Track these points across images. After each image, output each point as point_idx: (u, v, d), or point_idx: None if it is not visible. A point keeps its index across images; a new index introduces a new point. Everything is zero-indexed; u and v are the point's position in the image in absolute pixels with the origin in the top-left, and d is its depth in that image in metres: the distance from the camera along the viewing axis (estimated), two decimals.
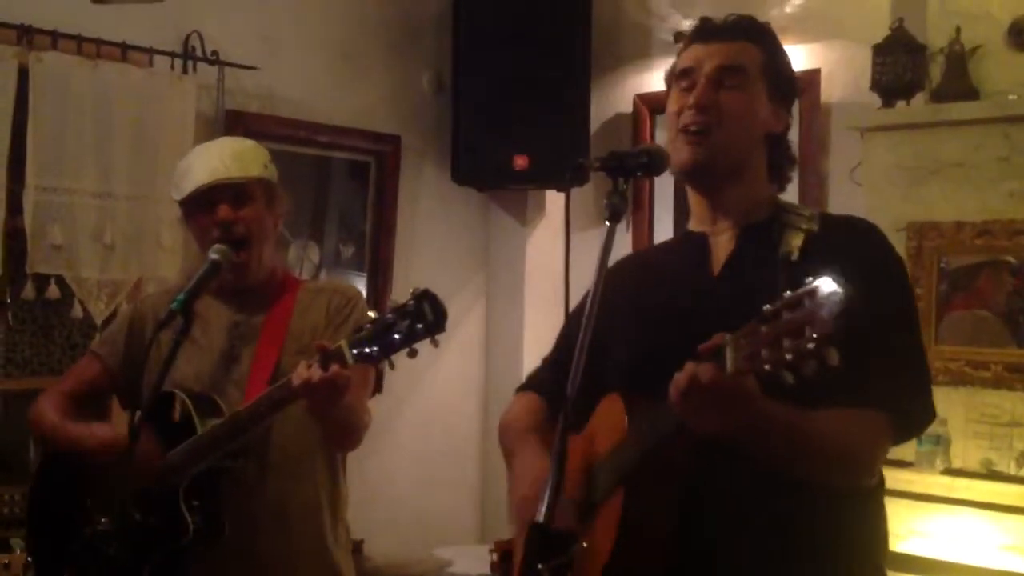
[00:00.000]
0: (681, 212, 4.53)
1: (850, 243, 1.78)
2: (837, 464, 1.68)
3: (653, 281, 1.94)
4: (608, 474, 1.72)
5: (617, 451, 1.71)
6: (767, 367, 1.38)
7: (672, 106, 1.86)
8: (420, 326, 2.00)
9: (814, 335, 1.33)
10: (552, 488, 1.50)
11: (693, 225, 1.94)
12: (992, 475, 3.40)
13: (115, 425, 2.40)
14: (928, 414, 1.76)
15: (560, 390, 1.61)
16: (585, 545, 1.76)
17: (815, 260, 1.68)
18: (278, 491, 2.39)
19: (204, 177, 2.38)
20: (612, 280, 1.87)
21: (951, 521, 3.36)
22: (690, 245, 1.91)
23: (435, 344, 2.02)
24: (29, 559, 3.11)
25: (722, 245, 1.86)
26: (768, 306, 1.39)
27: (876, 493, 1.81)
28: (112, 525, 2.16)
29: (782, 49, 1.95)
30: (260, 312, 2.47)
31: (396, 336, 2.01)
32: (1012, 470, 3.39)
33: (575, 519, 1.77)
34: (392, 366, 2.06)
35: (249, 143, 2.52)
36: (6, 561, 3.22)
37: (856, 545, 1.77)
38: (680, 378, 1.50)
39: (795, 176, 2.02)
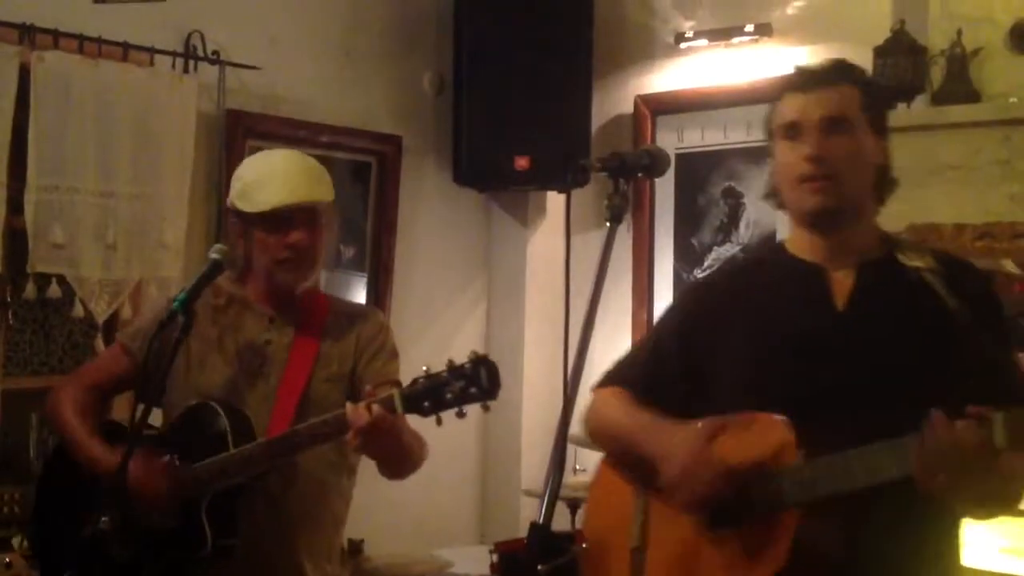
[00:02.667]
0: (681, 215, 4.54)
1: (981, 295, 1.90)
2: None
3: (769, 307, 1.98)
4: (797, 492, 1.77)
5: (809, 474, 1.76)
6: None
7: (783, 157, 1.93)
8: (474, 390, 2.03)
9: None
10: (551, 488, 1.50)
11: (798, 252, 1.99)
12: None
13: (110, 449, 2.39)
14: None
15: (657, 391, 1.69)
16: (584, 547, 1.77)
17: (946, 305, 1.81)
18: (297, 509, 2.41)
19: (284, 196, 2.36)
20: (710, 294, 2.06)
21: None
22: (806, 275, 1.96)
23: (486, 410, 2.07)
24: (29, 556, 3.14)
25: (841, 280, 1.93)
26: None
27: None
28: (115, 525, 2.16)
29: (878, 86, 2.07)
30: (290, 328, 2.47)
31: (448, 396, 2.04)
32: None
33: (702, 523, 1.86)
34: (440, 422, 2.08)
35: (315, 162, 2.51)
36: (7, 560, 3.22)
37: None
38: (940, 428, 1.61)
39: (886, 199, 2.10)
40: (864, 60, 3.67)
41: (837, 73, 1.95)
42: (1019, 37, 3.46)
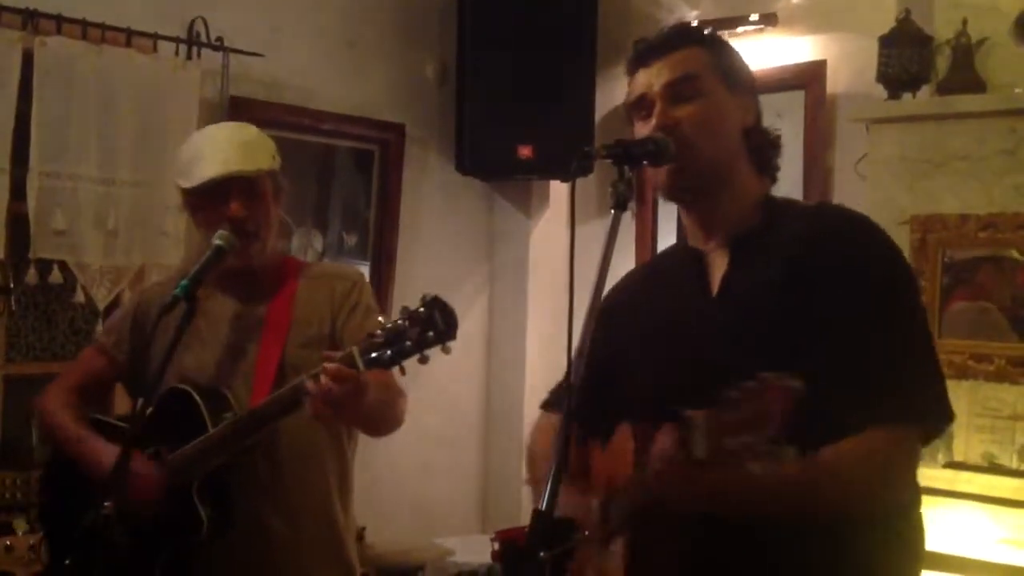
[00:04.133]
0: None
1: (841, 253, 1.72)
2: (843, 502, 1.64)
3: (655, 301, 1.91)
4: (618, 511, 1.71)
5: (625, 490, 1.70)
6: (731, 456, 1.38)
7: (639, 134, 1.81)
8: (431, 333, 1.99)
9: (765, 435, 1.35)
10: (553, 476, 1.50)
11: (690, 240, 1.90)
12: (994, 469, 3.40)
13: (105, 449, 2.38)
14: (940, 412, 1.71)
15: (585, 409, 1.62)
16: (587, 534, 1.76)
17: (823, 278, 1.67)
18: (289, 483, 2.39)
19: (217, 168, 2.35)
20: (617, 295, 1.93)
21: (952, 514, 3.36)
22: (688, 262, 1.87)
23: (446, 351, 2.01)
24: (31, 542, 3.15)
25: (717, 262, 1.82)
26: (732, 393, 1.38)
27: (907, 511, 1.76)
28: (117, 510, 2.16)
29: (726, 42, 1.90)
30: (262, 302, 2.46)
31: (407, 343, 2.00)
32: (1014, 464, 3.39)
33: (596, 545, 1.77)
34: (403, 372, 2.05)
35: (254, 131, 2.49)
36: (8, 544, 3.22)
37: (884, 564, 1.72)
38: (653, 456, 1.52)
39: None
40: (870, 50, 3.67)
41: (677, 38, 1.82)
42: None
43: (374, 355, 2.02)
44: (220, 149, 2.39)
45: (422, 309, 2.00)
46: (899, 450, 1.66)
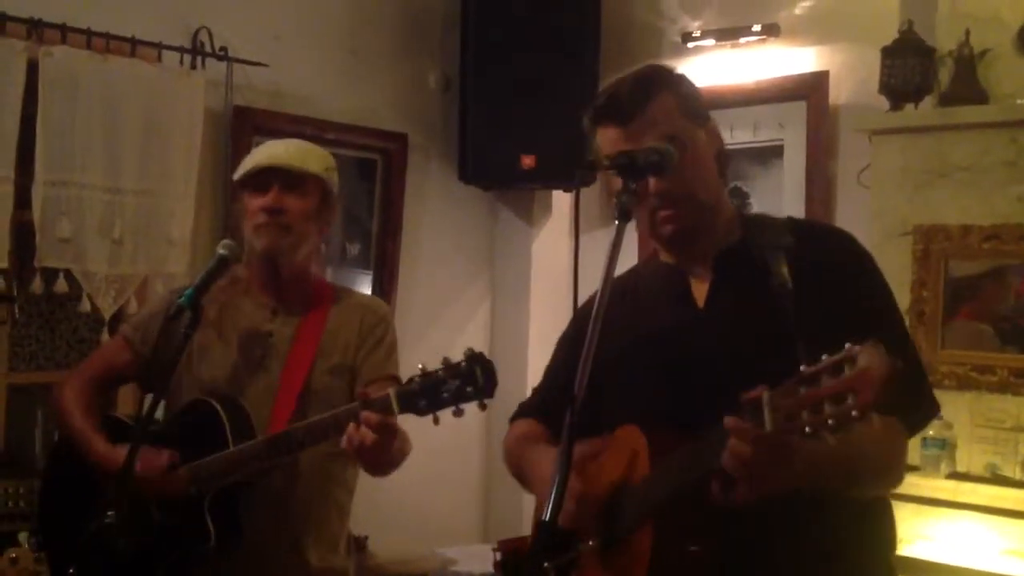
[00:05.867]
0: None
1: (830, 257, 1.81)
2: (882, 479, 1.76)
3: (637, 315, 1.93)
4: (636, 507, 1.72)
5: (645, 487, 1.71)
6: (808, 429, 1.38)
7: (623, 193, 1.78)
8: (470, 389, 2.00)
9: (859, 403, 1.33)
10: (558, 485, 1.50)
11: (664, 256, 1.94)
12: (997, 480, 3.40)
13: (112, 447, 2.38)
14: (932, 407, 1.81)
15: (554, 415, 1.61)
16: (591, 544, 1.76)
17: (806, 284, 1.73)
18: (298, 504, 2.40)
19: (262, 159, 2.39)
20: (597, 306, 1.91)
21: (955, 525, 3.36)
22: (670, 278, 1.91)
23: (482, 408, 2.03)
24: (36, 553, 3.14)
25: (699, 276, 1.87)
26: (806, 367, 1.39)
27: (885, 497, 1.85)
28: (121, 520, 2.16)
29: (679, 73, 1.92)
30: (294, 320, 2.46)
31: (445, 395, 2.01)
32: (1017, 475, 3.39)
33: (597, 547, 1.78)
34: (436, 422, 2.05)
35: (316, 146, 2.51)
36: (14, 555, 3.22)
37: (870, 548, 1.81)
38: (730, 443, 1.50)
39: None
40: (872, 60, 3.68)
41: (642, 91, 1.81)
42: None
43: (411, 404, 2.03)
44: (273, 146, 2.45)
45: (464, 363, 2.01)
46: (905, 442, 1.78)
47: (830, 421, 1.35)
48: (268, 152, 2.42)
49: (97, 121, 3.60)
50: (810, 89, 4.11)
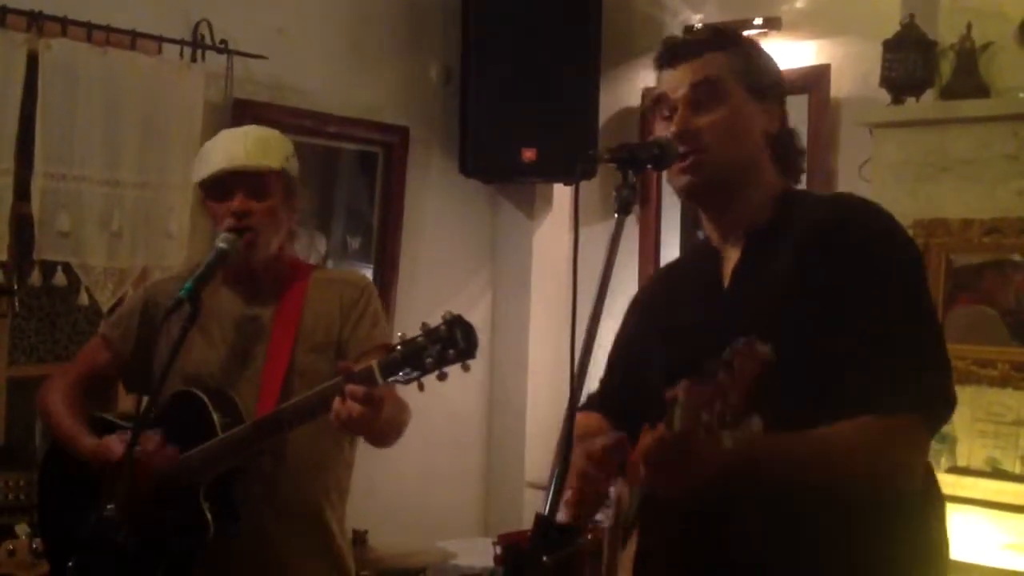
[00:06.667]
0: (688, 209, 4.53)
1: (845, 238, 1.71)
2: (861, 478, 1.62)
3: (674, 298, 1.93)
4: (629, 505, 1.73)
5: (633, 483, 1.72)
6: (706, 428, 1.37)
7: (658, 134, 1.81)
8: (451, 351, 1.99)
9: (729, 404, 1.34)
10: (556, 478, 1.49)
11: (710, 238, 1.91)
12: (997, 474, 3.40)
13: (109, 439, 2.37)
14: (941, 401, 1.69)
15: (616, 410, 1.59)
16: (590, 538, 1.76)
17: (811, 266, 1.68)
18: (291, 488, 2.39)
19: (223, 162, 2.35)
20: (642, 294, 1.98)
21: (956, 519, 3.35)
22: (706, 259, 1.88)
23: (466, 369, 2.01)
24: (34, 545, 3.15)
25: (731, 257, 1.84)
26: (708, 364, 1.38)
27: (917, 501, 1.75)
28: (120, 513, 2.16)
29: (755, 46, 1.89)
30: (271, 304, 2.45)
31: (427, 360, 2.00)
32: (1017, 469, 3.39)
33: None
34: (422, 388, 2.04)
35: (274, 133, 2.49)
36: (11, 547, 3.22)
37: (899, 556, 1.72)
38: (641, 443, 1.51)
39: (803, 170, 1.99)
40: (873, 54, 3.67)
41: (705, 43, 1.81)
42: None
43: (394, 373, 2.03)
44: (231, 145, 2.40)
45: (443, 327, 2.00)
46: (902, 438, 1.63)
47: (721, 419, 1.35)
48: (227, 153, 2.37)
49: (97, 114, 3.59)
50: (811, 82, 4.10)
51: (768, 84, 1.84)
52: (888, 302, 1.67)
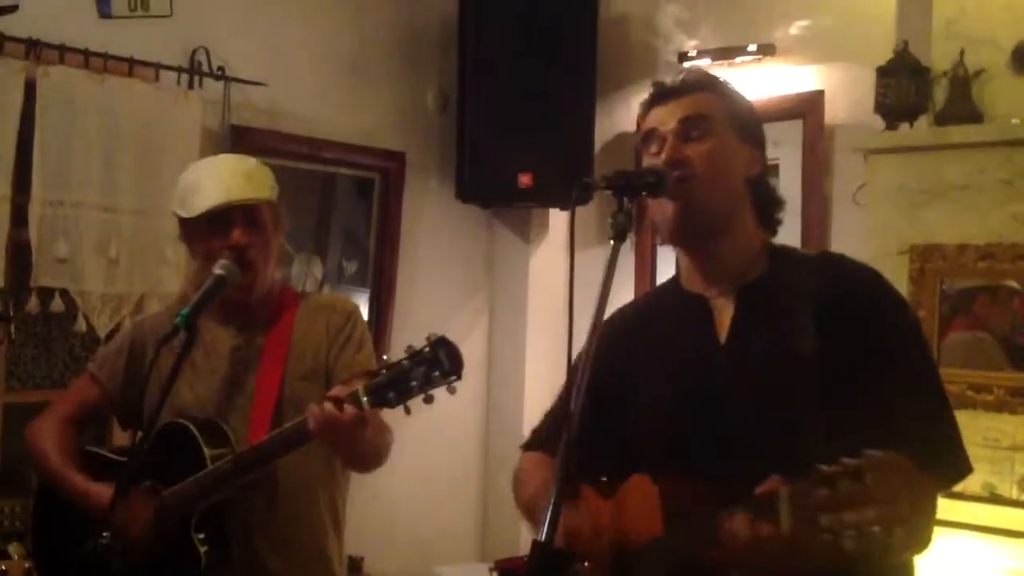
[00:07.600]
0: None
1: (864, 308, 1.74)
2: (911, 547, 1.64)
3: (658, 342, 1.91)
4: (649, 569, 1.70)
5: (659, 546, 1.69)
6: (826, 535, 1.34)
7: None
8: (437, 373, 2.00)
9: (883, 518, 1.30)
10: (552, 507, 1.49)
11: (686, 283, 1.91)
12: (993, 499, 3.39)
13: (97, 488, 2.37)
14: (964, 466, 1.74)
15: (581, 442, 1.59)
16: (587, 565, 1.76)
17: (834, 343, 1.68)
18: (284, 518, 2.39)
19: (219, 197, 2.35)
20: (614, 335, 1.88)
21: (952, 545, 3.35)
22: (691, 307, 1.87)
23: (451, 391, 2.02)
24: (27, 565, 3.13)
25: (722, 308, 1.83)
26: (825, 468, 1.36)
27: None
28: (115, 542, 2.15)
29: (740, 94, 1.93)
30: (260, 333, 2.45)
31: (413, 383, 2.01)
32: (1014, 494, 3.38)
33: None
34: (408, 411, 2.04)
35: (254, 162, 2.50)
36: (3, 568, 3.21)
37: None
38: (735, 527, 1.49)
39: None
40: (867, 80, 3.69)
41: (696, 84, 1.85)
42: (1021, 59, 3.46)
43: (381, 396, 2.03)
44: (222, 178, 2.39)
45: (427, 349, 2.01)
46: (934, 500, 1.67)
47: (851, 531, 1.32)
48: (220, 187, 2.37)
49: (94, 141, 3.61)
50: (805, 108, 4.12)
51: (752, 128, 1.88)
52: (918, 388, 1.73)
